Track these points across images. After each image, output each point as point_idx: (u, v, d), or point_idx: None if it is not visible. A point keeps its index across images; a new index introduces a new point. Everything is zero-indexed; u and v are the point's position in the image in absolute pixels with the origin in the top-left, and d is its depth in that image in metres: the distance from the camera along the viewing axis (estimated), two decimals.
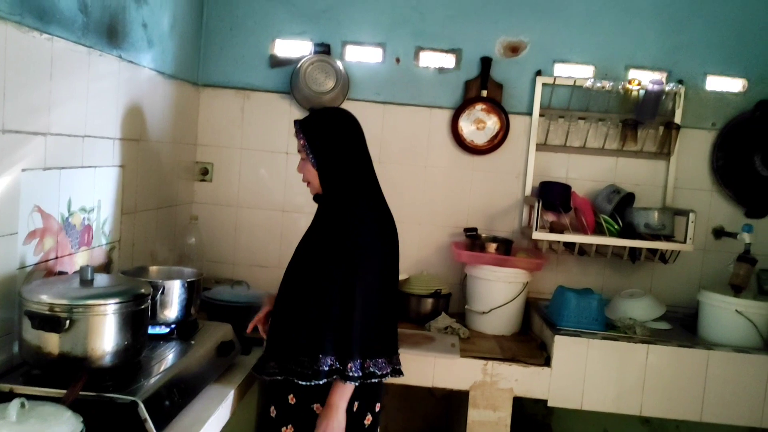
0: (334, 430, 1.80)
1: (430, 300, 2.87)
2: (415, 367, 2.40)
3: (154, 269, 2.14)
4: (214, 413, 1.71)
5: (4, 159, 1.61)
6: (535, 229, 2.81)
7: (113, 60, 2.14)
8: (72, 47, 1.87)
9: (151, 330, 1.85)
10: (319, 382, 1.79)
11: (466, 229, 3.00)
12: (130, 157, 2.32)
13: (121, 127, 2.24)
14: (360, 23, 3.04)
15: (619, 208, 2.92)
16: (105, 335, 1.53)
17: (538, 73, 3.02)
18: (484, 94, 3.03)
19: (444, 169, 3.10)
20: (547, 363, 2.50)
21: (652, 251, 2.90)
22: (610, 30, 3.02)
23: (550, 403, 2.50)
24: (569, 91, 3.01)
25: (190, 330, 2.02)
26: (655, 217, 2.83)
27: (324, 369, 1.79)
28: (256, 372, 1.95)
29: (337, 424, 1.81)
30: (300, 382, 1.81)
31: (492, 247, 2.91)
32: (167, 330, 1.96)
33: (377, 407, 1.96)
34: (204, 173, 3.10)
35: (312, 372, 1.79)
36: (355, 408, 1.88)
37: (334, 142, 1.90)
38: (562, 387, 2.48)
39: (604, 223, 2.85)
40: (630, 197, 2.97)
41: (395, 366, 1.88)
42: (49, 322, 1.48)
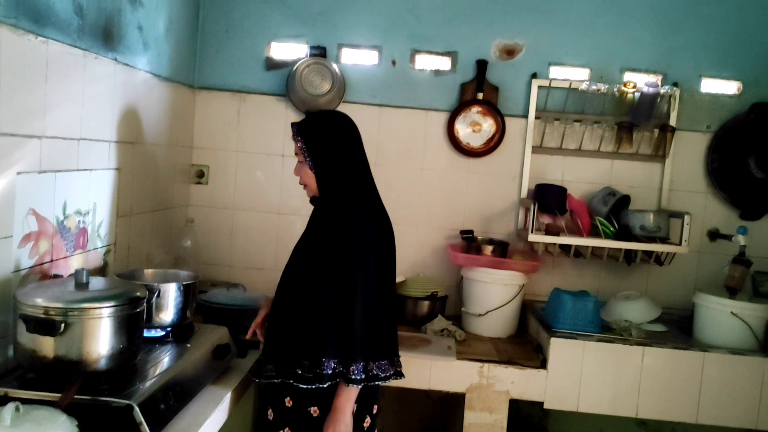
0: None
1: (426, 302, 2.87)
2: (412, 369, 2.39)
3: (149, 272, 2.14)
4: (210, 416, 1.71)
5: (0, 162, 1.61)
6: (531, 232, 2.81)
7: (109, 63, 2.13)
8: (67, 50, 1.87)
9: (146, 333, 1.84)
10: (322, 385, 1.79)
11: (462, 232, 3.01)
12: (126, 160, 2.31)
13: (117, 130, 2.23)
14: (356, 26, 3.05)
15: (615, 210, 2.92)
16: (100, 339, 1.53)
17: (534, 75, 3.03)
18: (480, 96, 3.03)
19: (440, 171, 3.10)
20: (543, 365, 2.50)
21: (648, 253, 2.90)
22: (605, 33, 3.03)
23: (546, 406, 2.50)
24: (565, 94, 3.02)
25: (186, 333, 2.01)
26: (650, 219, 2.84)
27: (327, 372, 1.79)
28: (253, 376, 1.94)
29: (344, 427, 1.81)
30: (300, 385, 1.81)
31: (488, 249, 2.91)
32: (163, 333, 1.95)
33: (375, 409, 1.97)
34: (200, 176, 3.10)
35: (315, 375, 1.79)
36: (353, 410, 1.87)
37: (331, 145, 1.90)
38: (558, 389, 2.48)
39: (599, 225, 2.86)
40: (625, 199, 2.98)
41: (397, 368, 1.88)
42: (44, 325, 1.47)
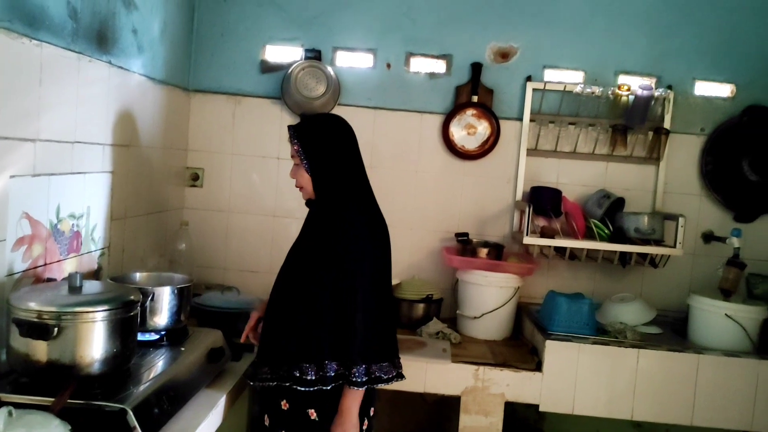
0: None
1: (421, 305, 2.87)
2: (407, 372, 2.35)
3: (143, 275, 2.13)
4: (205, 420, 1.70)
5: None
6: (526, 234, 2.81)
7: (103, 66, 2.13)
8: (61, 53, 1.86)
9: (140, 337, 1.84)
10: (326, 387, 1.80)
11: (458, 234, 3.01)
12: (120, 163, 2.31)
13: (111, 133, 2.23)
14: (351, 29, 3.05)
15: (610, 212, 2.93)
16: (94, 343, 1.52)
17: (529, 78, 3.04)
18: (475, 99, 3.04)
19: (435, 174, 3.11)
20: (538, 368, 2.50)
21: (642, 256, 2.91)
22: (600, 36, 3.04)
23: (541, 408, 2.50)
24: (559, 97, 3.03)
25: (180, 337, 2.01)
26: (645, 221, 2.85)
27: (330, 375, 1.80)
28: (249, 379, 1.94)
29: (351, 429, 1.83)
30: (299, 387, 1.81)
31: (483, 252, 2.92)
32: (157, 337, 1.95)
33: (372, 412, 1.97)
34: (195, 179, 3.09)
35: (318, 378, 1.80)
36: None
37: (328, 148, 1.90)
38: (553, 392, 2.48)
39: (594, 227, 2.86)
40: (620, 202, 2.99)
41: (399, 370, 1.89)
42: (38, 329, 1.46)
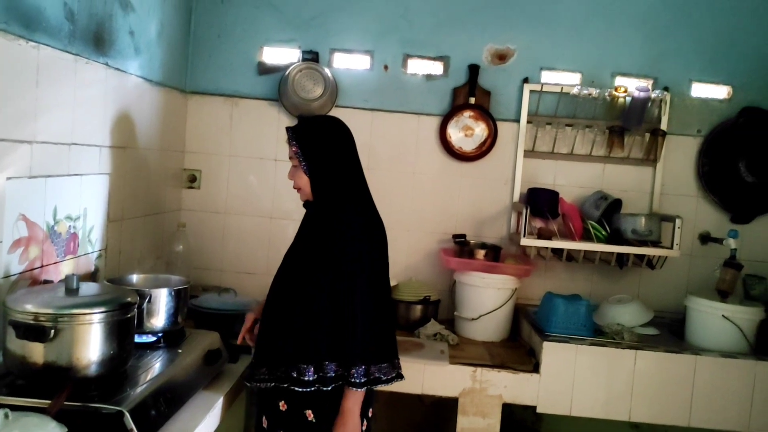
0: None
1: (419, 306, 2.86)
2: (405, 374, 2.37)
3: (140, 277, 2.12)
4: (202, 422, 1.70)
5: None
6: (524, 236, 2.81)
7: (100, 67, 2.13)
8: (58, 55, 1.86)
9: (137, 339, 1.83)
10: (326, 388, 1.81)
11: (455, 236, 3.01)
12: (117, 164, 2.31)
13: (108, 134, 2.23)
14: (348, 31, 3.05)
15: (607, 214, 2.93)
16: (90, 345, 1.52)
17: (526, 80, 3.04)
18: (472, 101, 3.04)
19: (432, 175, 3.11)
20: (535, 369, 2.50)
21: (640, 257, 2.91)
22: (596, 38, 3.04)
23: (539, 410, 2.50)
24: (556, 98, 3.03)
25: (177, 338, 2.00)
26: (642, 223, 2.85)
27: (330, 375, 1.81)
28: (246, 380, 1.94)
29: (352, 430, 1.83)
30: (297, 388, 1.81)
31: (480, 253, 2.92)
32: (154, 339, 1.95)
33: (370, 413, 1.98)
34: (192, 180, 3.09)
35: (317, 378, 1.81)
36: None
37: (326, 150, 1.91)
38: (551, 393, 2.48)
39: (591, 229, 2.86)
40: (617, 203, 2.99)
41: (398, 370, 1.89)
42: (34, 331, 1.46)
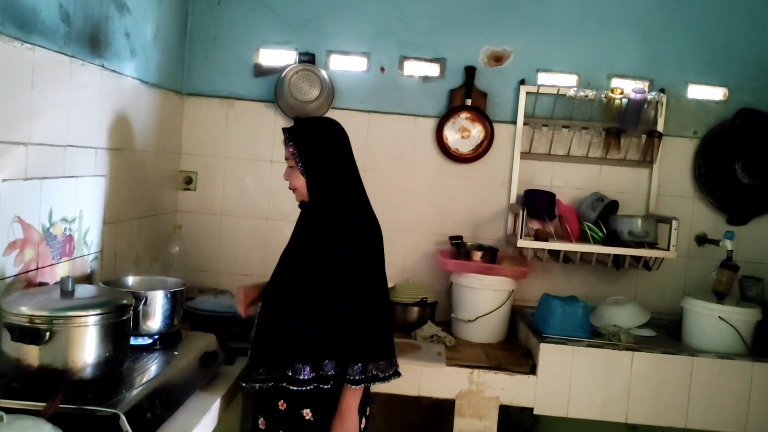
0: None
1: (416, 308, 2.86)
2: (402, 375, 2.38)
3: (136, 279, 2.12)
4: (198, 424, 1.69)
5: None
6: (520, 237, 2.81)
7: (96, 69, 2.12)
8: (54, 56, 1.86)
9: (133, 341, 1.82)
10: (325, 386, 1.83)
11: (452, 237, 3.01)
12: (113, 166, 2.30)
13: (104, 136, 2.22)
14: (344, 33, 3.05)
15: (603, 215, 2.94)
16: (86, 347, 1.51)
17: (522, 82, 3.04)
18: (469, 102, 3.04)
19: (429, 177, 3.11)
20: (532, 371, 2.50)
21: (636, 258, 2.92)
22: (592, 39, 3.05)
23: (536, 411, 2.50)
24: (553, 100, 3.03)
25: (173, 340, 1.99)
26: (638, 224, 2.85)
27: (330, 373, 1.83)
28: (244, 381, 1.94)
29: (350, 428, 1.85)
30: (293, 387, 1.82)
31: (477, 255, 2.92)
32: (150, 341, 1.94)
33: (368, 411, 1.99)
34: (188, 182, 3.08)
35: (315, 376, 1.82)
36: None
37: (323, 150, 1.92)
38: (548, 395, 2.48)
39: (588, 230, 2.87)
40: (614, 205, 2.99)
41: (395, 368, 1.90)
42: (29, 334, 1.45)
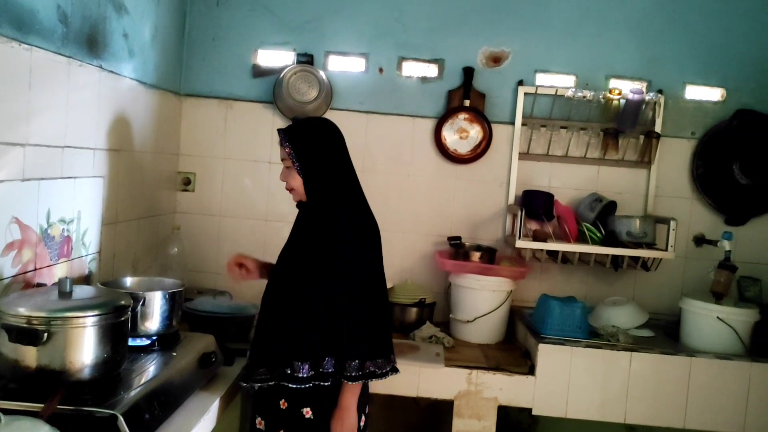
0: (350, 429, 1.87)
1: (414, 309, 2.86)
2: (400, 376, 2.35)
3: (135, 280, 2.11)
4: (197, 425, 1.69)
5: None
6: (519, 238, 2.82)
7: (94, 70, 2.12)
8: (51, 57, 1.86)
9: (131, 342, 1.83)
10: (325, 383, 1.83)
11: (450, 238, 3.01)
12: (111, 167, 2.30)
13: (102, 137, 2.22)
14: (343, 34, 3.05)
15: (602, 216, 2.94)
16: (84, 348, 1.51)
17: (520, 82, 3.05)
18: (467, 103, 3.05)
19: (427, 178, 3.11)
20: (531, 371, 2.50)
21: (635, 259, 2.92)
22: (590, 40, 3.05)
23: (534, 412, 2.50)
24: (551, 101, 3.04)
25: (172, 341, 1.99)
26: (636, 225, 2.85)
27: (329, 370, 1.84)
28: (244, 381, 1.94)
29: (350, 424, 1.87)
30: (291, 385, 1.83)
31: (476, 255, 2.92)
32: (148, 342, 1.93)
33: (367, 409, 2.01)
34: (186, 183, 3.08)
35: (315, 374, 1.83)
36: None
37: (319, 150, 1.93)
38: (546, 395, 2.48)
39: (586, 231, 2.87)
40: (612, 205, 2.99)
41: (393, 364, 1.92)
42: (27, 335, 1.45)
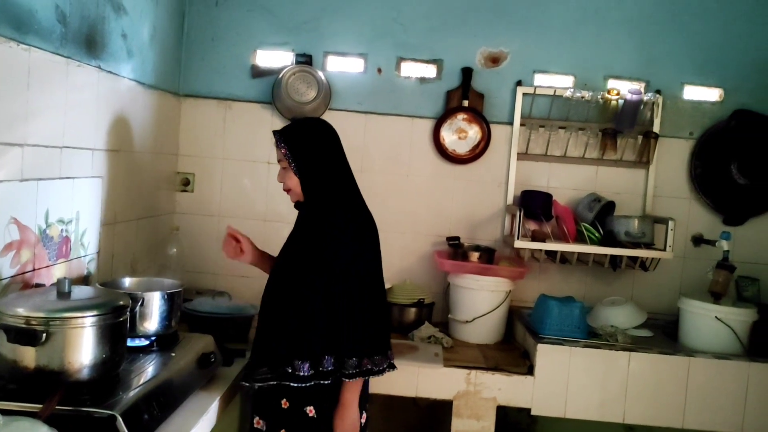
0: (352, 426, 1.88)
1: (413, 309, 2.86)
2: (399, 376, 2.37)
3: (133, 281, 2.11)
4: (195, 426, 1.69)
5: None
6: (517, 238, 2.82)
7: (92, 70, 2.12)
8: (50, 57, 1.85)
9: (130, 342, 1.82)
10: (325, 381, 1.84)
11: (449, 238, 3.01)
12: (110, 167, 2.30)
13: (101, 137, 2.22)
14: (342, 34, 3.05)
15: (600, 216, 2.94)
16: (82, 348, 1.50)
17: (519, 83, 3.05)
18: (466, 104, 3.05)
19: (426, 178, 3.11)
20: (530, 371, 2.50)
21: (633, 259, 2.92)
22: (589, 41, 3.05)
23: (533, 412, 2.50)
24: (549, 101, 3.04)
25: (171, 342, 1.99)
26: (635, 225, 2.86)
27: (329, 368, 1.85)
28: (245, 380, 1.94)
29: (352, 421, 1.88)
30: (293, 384, 1.83)
31: (474, 255, 2.92)
32: (147, 342, 1.93)
33: (366, 407, 2.02)
34: (185, 183, 3.08)
35: (316, 373, 1.84)
36: None
37: (315, 150, 1.94)
38: (545, 395, 2.48)
39: (585, 231, 2.87)
40: (610, 205, 3.00)
41: (390, 361, 1.93)
42: (25, 335, 1.45)
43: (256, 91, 3.07)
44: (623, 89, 2.98)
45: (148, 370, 1.76)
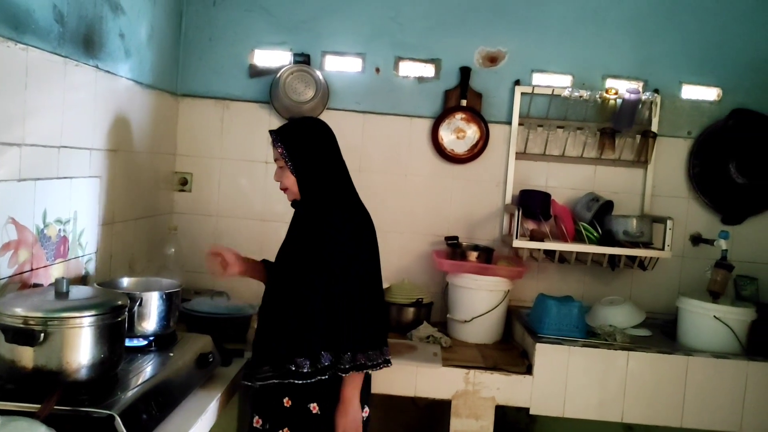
0: (353, 421, 1.89)
1: (411, 309, 2.86)
2: (398, 376, 2.39)
3: (131, 280, 2.11)
4: (194, 425, 1.69)
5: None
6: (516, 237, 2.82)
7: (90, 70, 2.12)
8: (47, 57, 1.85)
9: (128, 342, 1.82)
10: (324, 377, 1.85)
11: (447, 238, 3.01)
12: (108, 167, 2.29)
13: (99, 137, 2.21)
14: (340, 33, 3.05)
15: (599, 215, 2.94)
16: (81, 348, 1.50)
17: (517, 82, 3.05)
18: (464, 103, 3.05)
19: (425, 178, 3.11)
20: (528, 371, 2.50)
21: (631, 258, 2.92)
22: (587, 40, 3.06)
23: (532, 411, 2.50)
24: (547, 100, 3.04)
25: (169, 342, 1.99)
26: (633, 224, 2.86)
27: (325, 364, 1.85)
28: (247, 380, 1.94)
29: (354, 416, 1.89)
30: (296, 381, 1.84)
31: (473, 255, 2.92)
32: (145, 342, 1.93)
33: (369, 401, 2.03)
34: (183, 183, 3.08)
35: (315, 369, 1.84)
36: None
37: (311, 149, 1.95)
38: (544, 395, 2.48)
39: (583, 230, 2.87)
40: (609, 205, 3.00)
41: (386, 357, 1.94)
42: (23, 335, 1.45)
43: (254, 90, 3.06)
44: (621, 88, 2.98)
45: (147, 370, 1.76)
